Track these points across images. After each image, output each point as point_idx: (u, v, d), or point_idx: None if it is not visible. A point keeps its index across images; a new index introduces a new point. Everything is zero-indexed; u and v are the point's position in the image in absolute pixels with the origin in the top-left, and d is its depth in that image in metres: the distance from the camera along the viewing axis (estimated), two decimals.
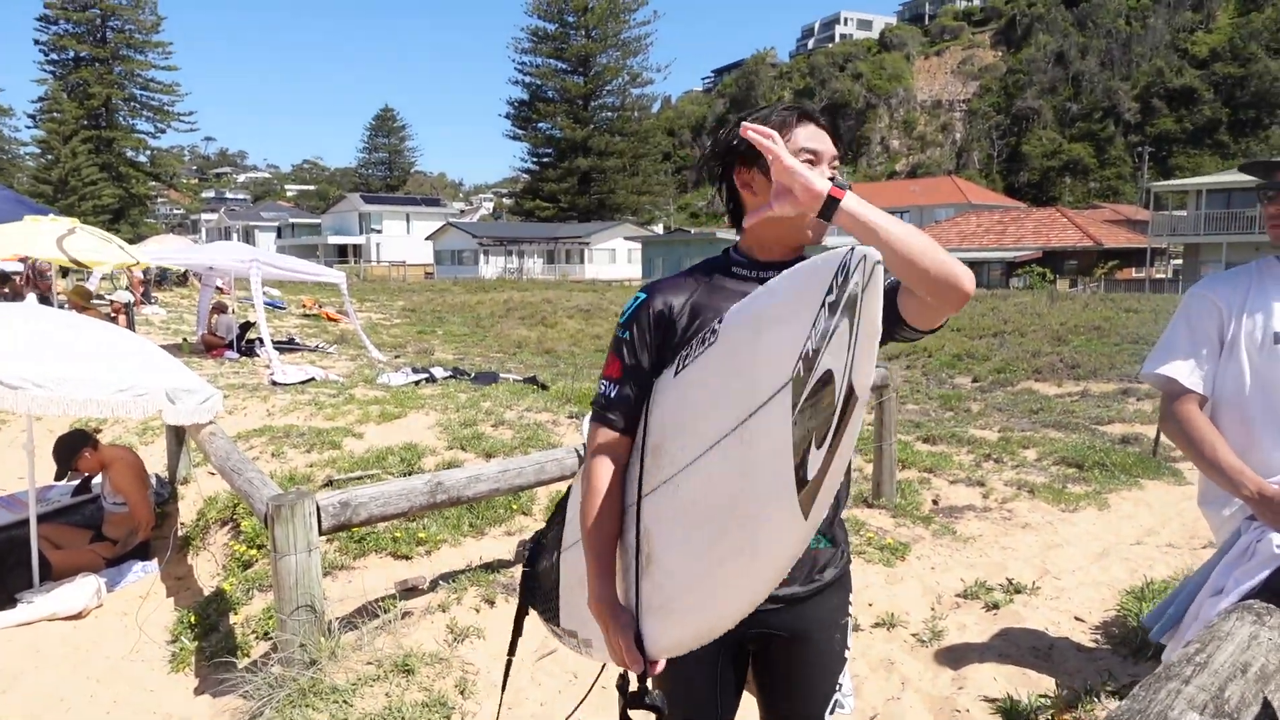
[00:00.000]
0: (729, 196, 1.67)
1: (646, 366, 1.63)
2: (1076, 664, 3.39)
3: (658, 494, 1.59)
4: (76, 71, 66.58)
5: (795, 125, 1.59)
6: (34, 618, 4.28)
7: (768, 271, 1.62)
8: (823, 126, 1.62)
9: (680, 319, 1.61)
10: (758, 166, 1.57)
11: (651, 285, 1.68)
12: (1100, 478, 6.30)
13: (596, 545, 1.64)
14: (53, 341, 4.18)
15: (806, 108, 1.64)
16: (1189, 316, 2.25)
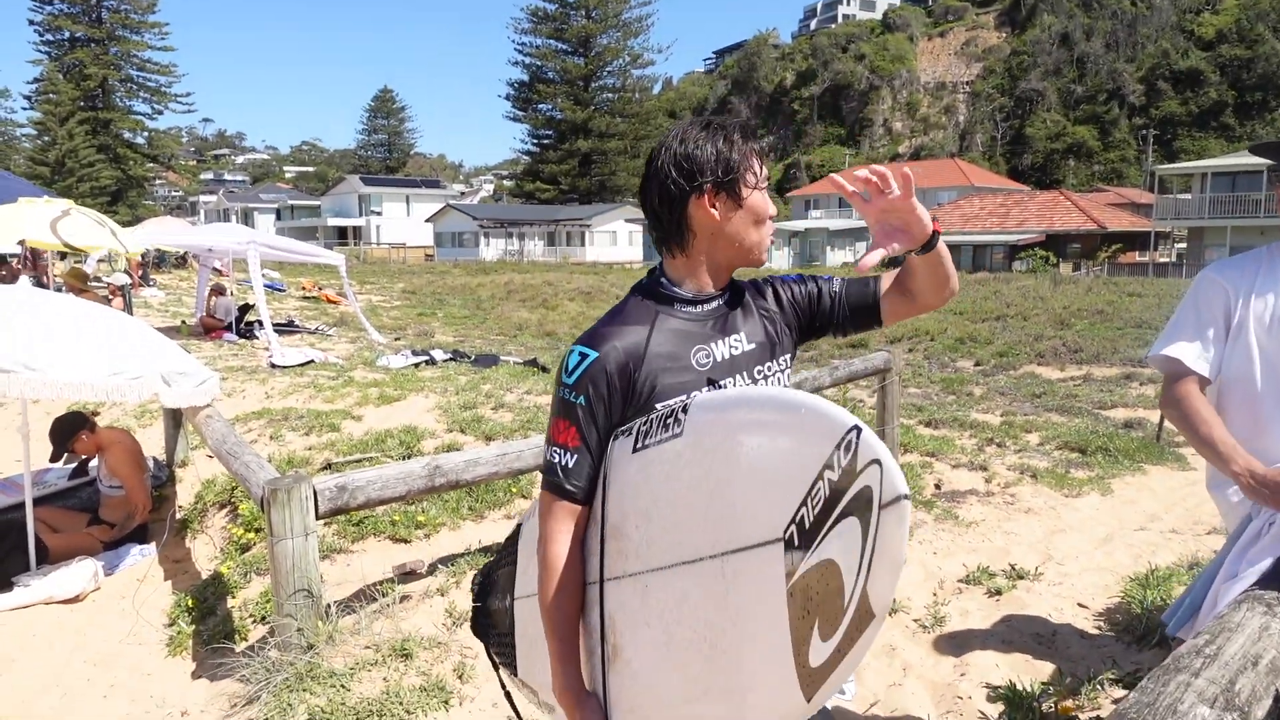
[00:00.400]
0: (677, 220, 1.55)
1: (603, 433, 1.52)
2: (1080, 651, 3.37)
3: (623, 585, 1.48)
4: (72, 52, 66.16)
5: (752, 151, 1.56)
6: (30, 601, 4.26)
7: (712, 302, 1.59)
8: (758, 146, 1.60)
9: (638, 375, 1.50)
10: (726, 190, 1.52)
11: (595, 337, 1.53)
12: (1103, 463, 6.27)
13: (559, 629, 1.54)
14: (46, 325, 4.13)
15: (752, 130, 1.60)
16: (1197, 300, 2.22)
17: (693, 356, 1.54)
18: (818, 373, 5.11)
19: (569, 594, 1.54)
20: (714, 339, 1.57)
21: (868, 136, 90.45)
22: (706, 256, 1.57)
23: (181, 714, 3.33)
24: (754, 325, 1.63)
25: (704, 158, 1.51)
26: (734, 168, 1.51)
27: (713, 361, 1.55)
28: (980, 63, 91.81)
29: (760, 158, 1.57)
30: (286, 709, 3.01)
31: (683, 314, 1.57)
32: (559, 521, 1.54)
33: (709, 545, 1.33)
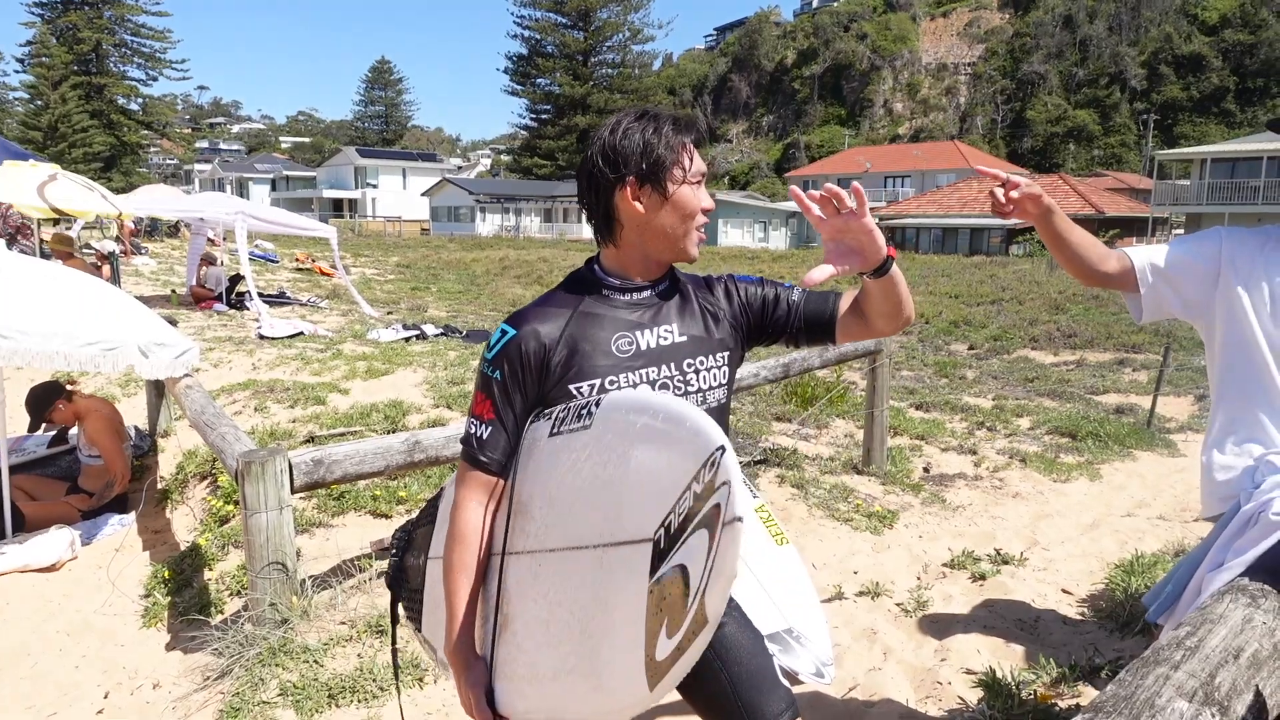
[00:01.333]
0: (604, 210, 1.55)
1: (519, 409, 1.55)
2: (1062, 637, 3.34)
3: (520, 561, 1.54)
4: (65, 15, 65.36)
5: (688, 144, 1.53)
6: (5, 569, 4.20)
7: (643, 291, 1.59)
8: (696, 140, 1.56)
9: (554, 354, 1.52)
10: (650, 183, 1.50)
11: (519, 316, 1.56)
12: (1093, 448, 6.24)
13: (457, 592, 1.58)
14: (22, 292, 4.05)
15: (687, 122, 1.55)
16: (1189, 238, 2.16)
17: (614, 343, 1.54)
18: (808, 353, 5.05)
19: (471, 560, 1.57)
20: (640, 328, 1.56)
21: (868, 117, 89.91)
22: (637, 248, 1.57)
23: (153, 686, 3.29)
24: (691, 319, 1.61)
25: (630, 149, 1.49)
26: (660, 161, 1.49)
27: (635, 349, 1.55)
28: (983, 44, 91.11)
29: (693, 151, 1.53)
30: (258, 683, 2.98)
31: (609, 301, 1.57)
32: (471, 490, 1.58)
33: (595, 535, 1.41)
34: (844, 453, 5.92)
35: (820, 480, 5.23)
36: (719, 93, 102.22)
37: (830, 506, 4.81)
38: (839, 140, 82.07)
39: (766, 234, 48.58)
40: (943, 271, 20.31)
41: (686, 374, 1.57)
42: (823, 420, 6.86)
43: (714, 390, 1.61)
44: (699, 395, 1.58)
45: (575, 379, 1.51)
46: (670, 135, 1.50)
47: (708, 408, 1.58)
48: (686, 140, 1.52)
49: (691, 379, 1.57)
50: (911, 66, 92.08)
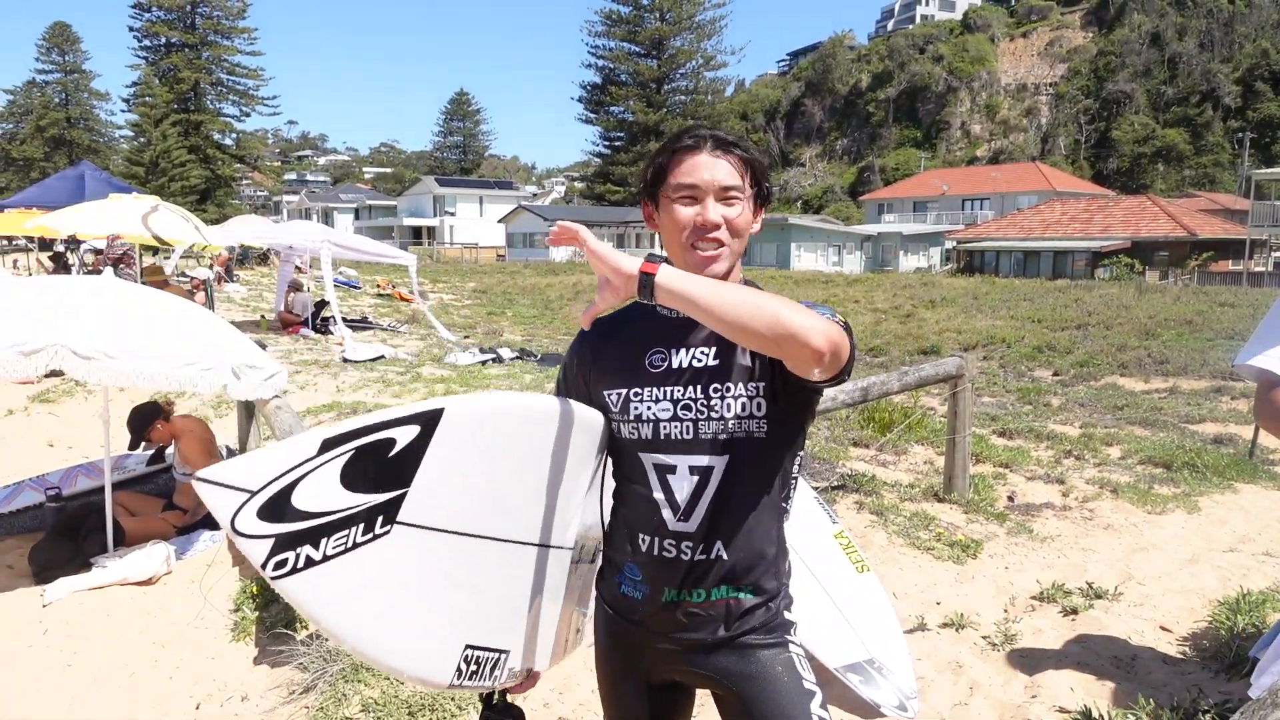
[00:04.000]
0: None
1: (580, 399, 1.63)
2: (1162, 677, 3.18)
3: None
4: (167, 57, 69.02)
5: (681, 157, 1.51)
6: (107, 582, 4.39)
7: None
8: (723, 153, 1.50)
9: (597, 360, 1.61)
10: (651, 199, 1.56)
11: (594, 324, 1.61)
12: (1190, 479, 5.96)
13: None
14: (126, 315, 4.26)
15: (698, 133, 1.52)
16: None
17: (648, 357, 1.55)
18: (886, 378, 4.95)
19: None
20: (677, 346, 1.54)
21: (945, 139, 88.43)
22: (674, 257, 1.55)
23: (242, 698, 3.39)
24: (731, 343, 1.48)
25: (649, 164, 1.55)
26: (655, 174, 1.52)
27: (666, 366, 1.53)
28: (1064, 63, 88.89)
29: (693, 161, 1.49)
30: (341, 699, 3.04)
31: (655, 316, 1.56)
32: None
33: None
34: (924, 480, 5.78)
35: (900, 507, 5.11)
36: (792, 117, 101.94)
37: (910, 534, 4.69)
38: (914, 163, 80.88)
39: (840, 258, 48.04)
40: (1024, 295, 19.75)
41: (711, 399, 1.49)
42: (901, 446, 6.72)
43: (743, 421, 1.49)
44: (720, 422, 1.49)
45: (608, 386, 1.57)
46: (668, 148, 1.52)
47: (730, 437, 1.48)
48: (680, 149, 1.51)
49: (715, 404, 1.49)
50: (990, 87, 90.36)
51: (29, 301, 4.12)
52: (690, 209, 1.49)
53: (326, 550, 1.19)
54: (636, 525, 1.56)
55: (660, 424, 1.51)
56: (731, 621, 1.54)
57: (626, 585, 1.58)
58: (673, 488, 1.51)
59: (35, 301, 4.13)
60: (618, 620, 1.62)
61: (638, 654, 1.62)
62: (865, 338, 13.73)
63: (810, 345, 1.28)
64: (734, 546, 1.51)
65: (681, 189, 1.49)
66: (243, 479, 1.12)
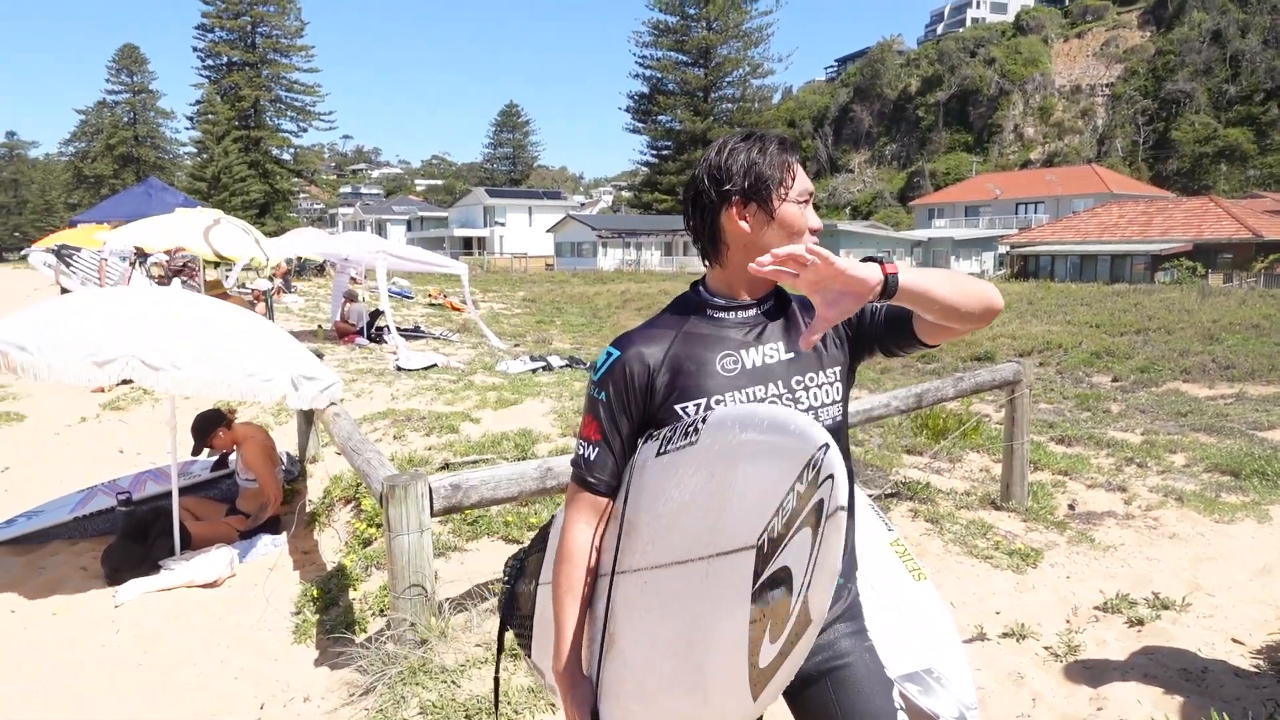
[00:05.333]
0: (710, 230, 1.57)
1: (626, 431, 1.57)
2: (1235, 690, 3.08)
3: (629, 579, 1.55)
4: (229, 75, 71.20)
5: (792, 163, 1.53)
6: (174, 584, 4.53)
7: (749, 310, 1.58)
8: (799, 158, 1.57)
9: (659, 375, 1.54)
10: (756, 201, 1.52)
11: (624, 339, 1.59)
12: (1260, 487, 5.76)
13: (566, 612, 1.60)
14: (192, 326, 4.39)
15: (792, 142, 1.55)
16: None
17: (719, 362, 1.54)
18: (940, 384, 4.89)
19: (578, 580, 1.59)
20: (746, 346, 1.55)
21: (997, 143, 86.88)
22: (742, 268, 1.55)
23: (304, 699, 3.46)
24: (797, 337, 1.58)
25: (735, 168, 1.51)
26: (764, 178, 1.50)
27: (740, 368, 1.54)
28: (1121, 64, 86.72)
29: (798, 170, 1.54)
30: (400, 701, 3.09)
31: (714, 321, 1.57)
32: (580, 512, 1.61)
33: (700, 548, 1.42)
34: (980, 487, 5.68)
35: (955, 515, 5.03)
36: (840, 123, 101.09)
37: (967, 543, 4.61)
38: (965, 167, 79.61)
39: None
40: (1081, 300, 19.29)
41: (796, 391, 1.54)
42: (955, 454, 6.61)
43: (827, 408, 1.57)
44: (810, 413, 1.55)
45: (680, 399, 1.52)
46: (775, 154, 1.51)
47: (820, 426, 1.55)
48: (791, 159, 1.53)
49: (801, 396, 1.54)
50: (1044, 89, 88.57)
51: (101, 312, 4.28)
52: (809, 213, 1.55)
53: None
54: None
55: None
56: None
57: None
58: None
59: (107, 312, 4.29)
60: None
61: None
62: None
63: (997, 307, 1.50)
64: None
65: (804, 194, 1.54)
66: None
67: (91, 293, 5.11)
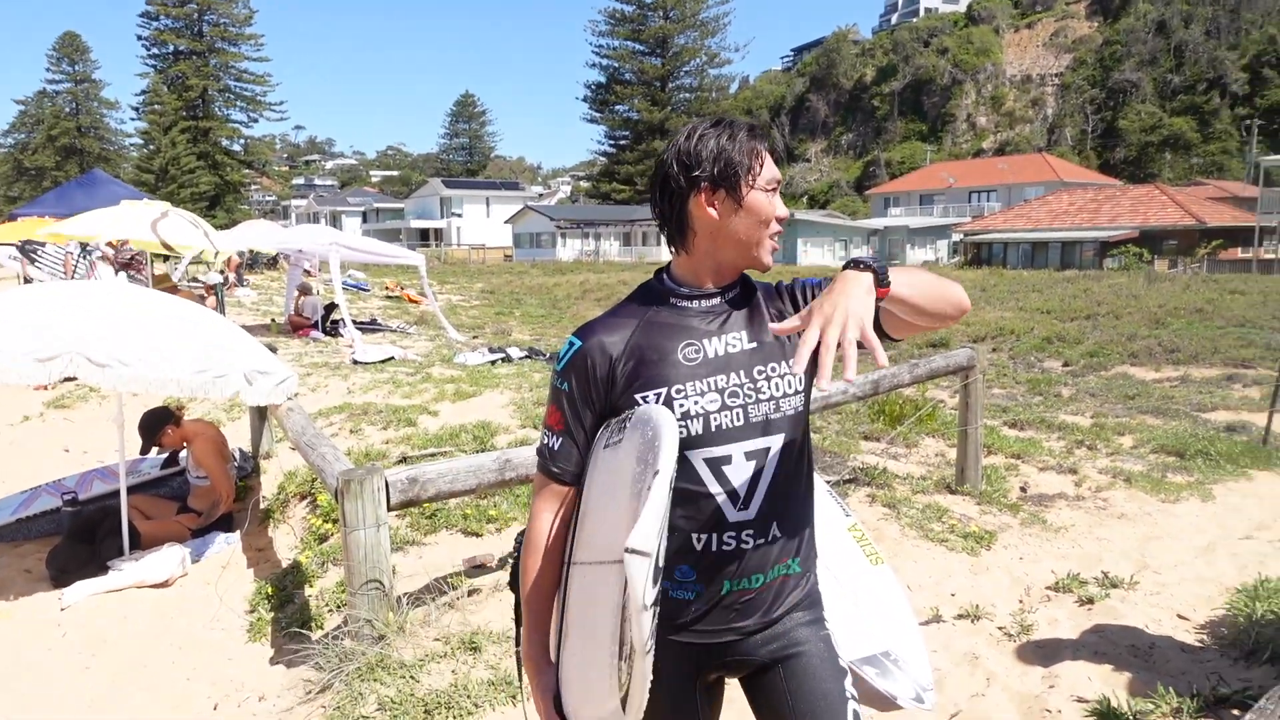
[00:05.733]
0: (678, 216, 1.55)
1: (589, 420, 1.57)
2: (1180, 665, 3.16)
3: (576, 571, 1.56)
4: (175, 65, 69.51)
5: (760, 151, 1.53)
6: (123, 585, 4.42)
7: (713, 299, 1.57)
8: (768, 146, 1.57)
9: (620, 365, 1.53)
10: (725, 188, 1.50)
11: (586, 328, 1.58)
12: (1204, 467, 5.93)
13: (530, 600, 1.62)
14: (139, 321, 4.28)
15: (762, 130, 1.56)
16: None
17: (680, 351, 1.53)
18: (896, 370, 4.94)
19: (547, 571, 1.60)
20: (708, 335, 1.55)
21: (950, 132, 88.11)
22: (709, 255, 1.56)
23: (259, 698, 3.40)
24: (762, 326, 1.58)
25: (705, 154, 1.50)
26: (734, 165, 1.49)
27: (702, 357, 1.53)
28: (1070, 54, 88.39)
29: (766, 157, 1.54)
30: (358, 698, 3.05)
31: (677, 309, 1.57)
32: (544, 500, 1.61)
33: (608, 552, 1.42)
34: (935, 472, 5.76)
35: (912, 500, 5.10)
36: (797, 113, 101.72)
37: (924, 527, 4.68)
38: (920, 156, 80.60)
39: (848, 251, 47.98)
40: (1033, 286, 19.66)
41: (757, 381, 1.54)
42: (912, 439, 6.70)
43: (789, 397, 1.57)
44: (771, 403, 1.54)
45: (641, 389, 1.51)
46: (745, 141, 1.51)
47: (782, 415, 1.55)
48: (760, 147, 1.53)
49: (763, 386, 1.54)
50: (995, 79, 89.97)
51: (44, 308, 4.15)
52: (776, 201, 1.55)
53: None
54: (689, 526, 1.52)
55: (710, 416, 1.51)
56: (783, 598, 1.59)
57: (675, 589, 1.55)
58: (729, 477, 1.52)
59: (50, 308, 4.16)
60: (663, 628, 1.57)
61: (681, 659, 1.59)
62: None
63: (965, 308, 1.59)
64: (786, 524, 1.56)
65: (772, 182, 1.54)
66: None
67: (34, 287, 4.94)
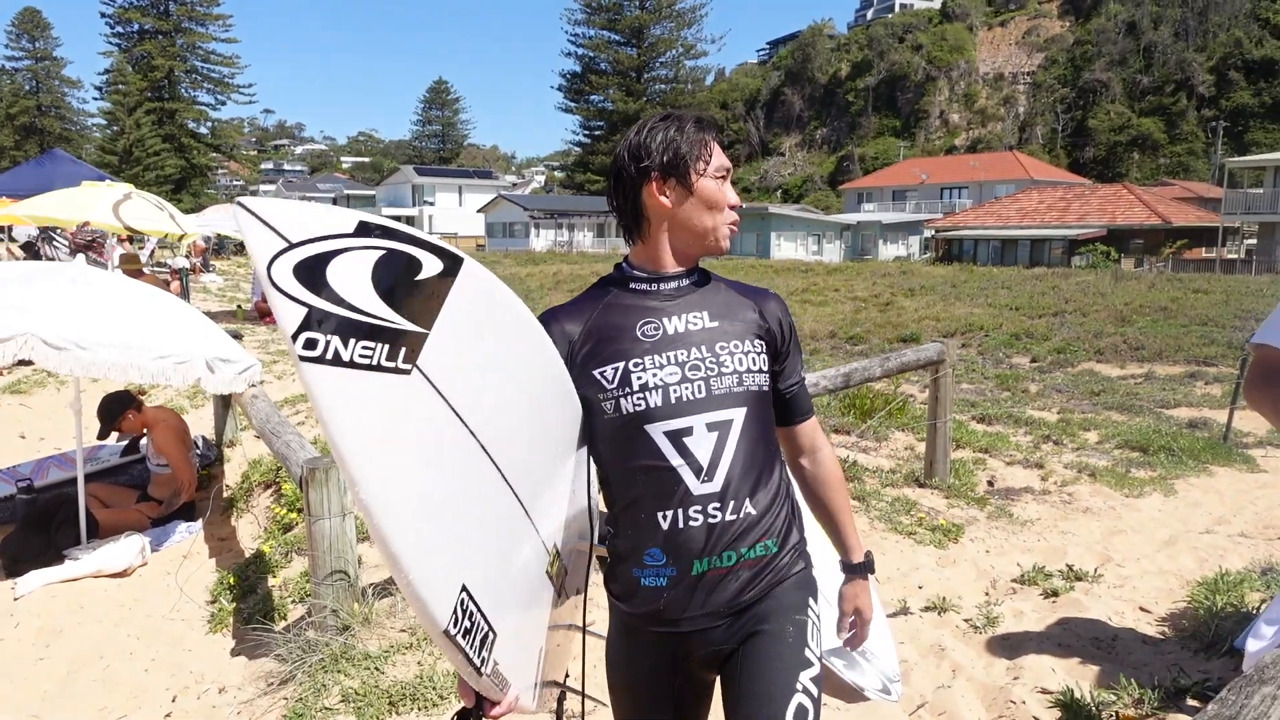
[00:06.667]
0: (632, 206, 1.59)
1: None
2: (1142, 657, 3.20)
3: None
4: (141, 44, 68.02)
5: (709, 140, 1.58)
6: (80, 574, 4.33)
7: (668, 283, 1.60)
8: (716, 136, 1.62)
9: (580, 345, 1.57)
10: (675, 176, 1.55)
11: (548, 313, 1.62)
12: (1166, 462, 6.01)
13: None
14: (100, 305, 4.18)
15: (709, 120, 1.61)
16: None
17: (639, 329, 1.56)
18: (867, 364, 4.96)
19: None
20: (668, 314, 1.58)
21: (923, 129, 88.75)
22: (664, 242, 1.59)
23: (219, 690, 3.34)
24: (724, 308, 1.61)
25: (655, 145, 1.54)
26: (682, 154, 1.54)
27: (662, 334, 1.55)
28: (1042, 53, 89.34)
29: (715, 147, 1.58)
30: (321, 689, 3.00)
31: (636, 292, 1.59)
32: None
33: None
34: (905, 465, 5.80)
35: (881, 493, 5.12)
36: (772, 106, 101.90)
37: (892, 519, 4.70)
38: (894, 152, 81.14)
39: (820, 246, 48.18)
40: (1002, 283, 19.86)
41: (720, 355, 1.55)
42: (882, 433, 6.73)
43: (752, 374, 1.57)
44: (734, 376, 1.55)
45: (599, 364, 1.53)
46: (692, 131, 1.56)
47: (745, 390, 1.55)
48: (708, 136, 1.57)
49: (725, 361, 1.55)
50: (968, 77, 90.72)
51: None
52: (727, 189, 1.59)
53: (354, 355, 1.11)
54: (653, 504, 1.51)
55: (670, 388, 1.51)
56: (760, 580, 1.56)
57: (648, 576, 1.53)
58: (691, 449, 1.51)
59: (5, 289, 4.04)
60: (636, 619, 1.58)
61: (660, 650, 1.58)
62: (845, 326, 13.76)
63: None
64: (756, 498, 1.54)
65: (722, 170, 1.58)
66: (283, 225, 1.06)
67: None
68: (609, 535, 1.62)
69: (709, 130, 1.58)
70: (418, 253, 1.21)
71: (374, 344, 1.13)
